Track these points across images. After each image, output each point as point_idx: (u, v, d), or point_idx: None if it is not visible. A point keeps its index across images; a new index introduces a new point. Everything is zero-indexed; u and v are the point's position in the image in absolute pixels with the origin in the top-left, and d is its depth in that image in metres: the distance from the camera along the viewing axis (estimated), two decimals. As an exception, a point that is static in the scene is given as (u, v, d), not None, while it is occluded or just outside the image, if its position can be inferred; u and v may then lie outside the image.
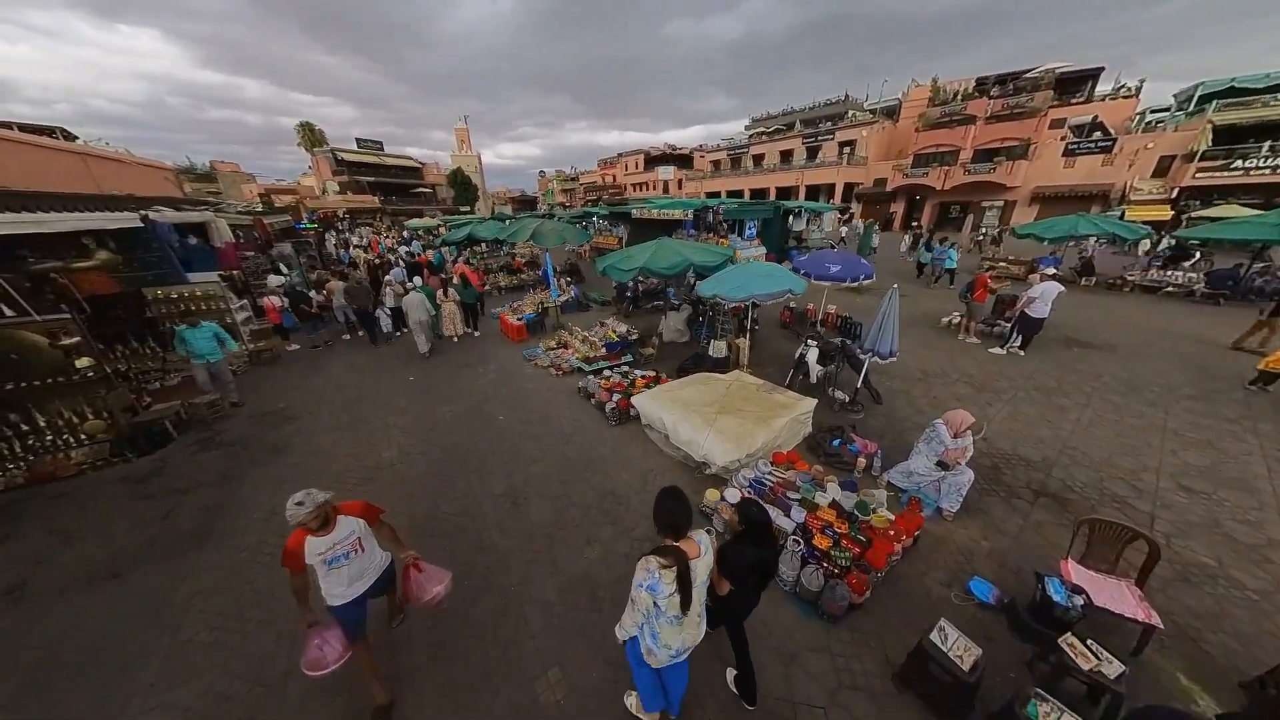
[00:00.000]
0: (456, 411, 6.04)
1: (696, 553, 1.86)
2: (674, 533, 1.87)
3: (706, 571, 1.93)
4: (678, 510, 1.88)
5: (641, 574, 1.81)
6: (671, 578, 1.77)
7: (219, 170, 42.36)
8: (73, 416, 5.01)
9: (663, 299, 11.54)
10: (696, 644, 2.02)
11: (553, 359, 7.68)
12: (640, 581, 1.81)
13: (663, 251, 7.29)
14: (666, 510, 1.88)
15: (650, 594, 1.79)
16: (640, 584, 1.81)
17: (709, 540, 1.96)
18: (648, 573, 1.79)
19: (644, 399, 5.25)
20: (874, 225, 17.07)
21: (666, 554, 1.80)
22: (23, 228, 4.83)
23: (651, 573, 1.78)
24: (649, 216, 16.91)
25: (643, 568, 1.82)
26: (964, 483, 3.70)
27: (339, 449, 5.21)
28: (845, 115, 36.53)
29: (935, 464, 3.88)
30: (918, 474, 3.94)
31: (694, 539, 1.89)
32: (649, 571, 1.79)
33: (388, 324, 9.81)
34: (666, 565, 1.77)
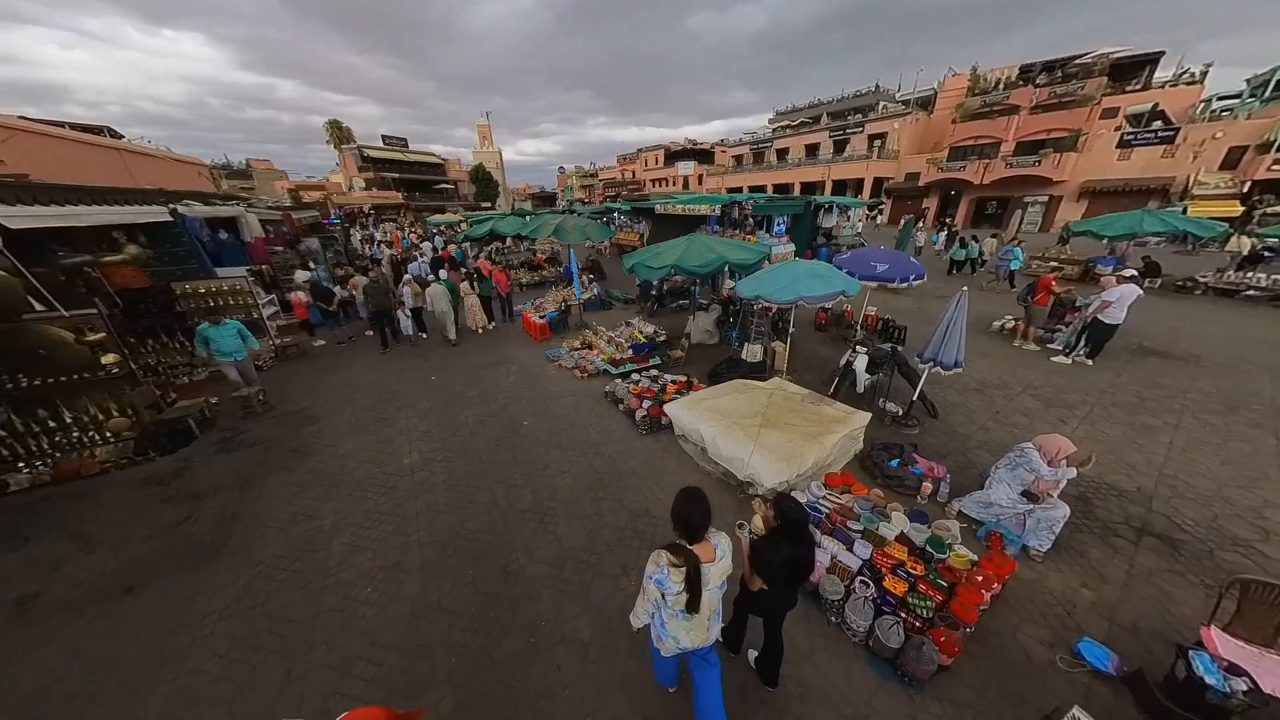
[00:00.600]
0: (479, 415, 5.78)
1: (711, 557, 1.82)
2: (688, 534, 1.84)
3: (721, 577, 1.89)
4: (693, 512, 1.83)
5: (651, 566, 1.83)
6: (680, 577, 1.76)
7: (253, 167, 43.78)
8: (98, 413, 4.94)
9: (688, 298, 11.13)
10: (707, 645, 2.01)
11: (577, 360, 7.37)
12: (650, 573, 1.83)
13: (695, 248, 6.87)
14: (683, 510, 1.85)
15: (658, 587, 1.81)
16: (649, 575, 1.83)
17: (728, 545, 1.92)
18: (657, 566, 1.80)
19: (678, 408, 4.87)
20: (913, 221, 16.20)
21: (678, 552, 1.79)
22: (53, 221, 4.76)
23: (660, 567, 1.79)
24: (672, 212, 16.45)
25: (653, 560, 1.83)
26: (1057, 519, 3.21)
27: (360, 453, 5.01)
28: (875, 107, 35.14)
29: (1020, 494, 3.39)
30: (998, 505, 3.46)
31: (711, 542, 1.85)
32: (658, 565, 1.80)
33: (408, 326, 9.08)
34: (676, 564, 1.76)
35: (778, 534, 2.09)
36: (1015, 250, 11.49)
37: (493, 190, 53.57)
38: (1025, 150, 25.12)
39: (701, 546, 1.82)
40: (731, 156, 47.67)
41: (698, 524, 1.83)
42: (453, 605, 3.01)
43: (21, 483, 4.44)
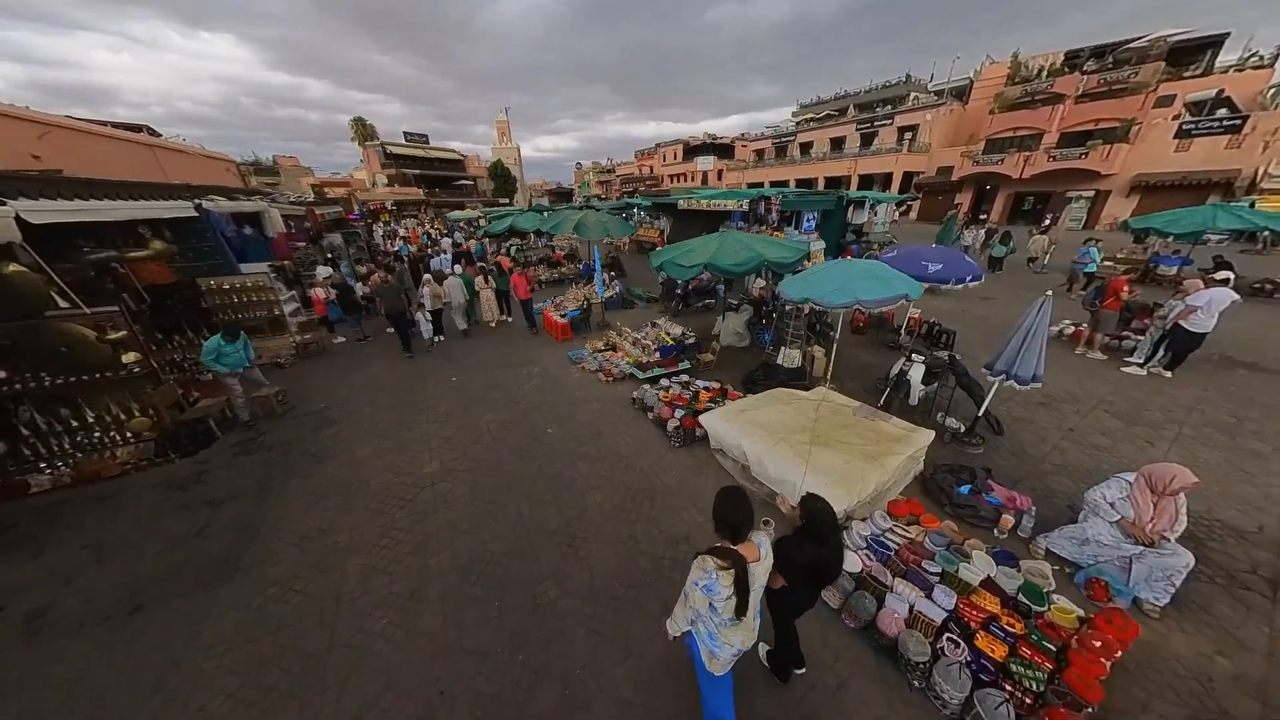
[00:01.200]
0: (502, 421, 5.51)
1: (755, 556, 1.79)
2: (732, 535, 1.79)
3: (765, 575, 1.86)
4: (737, 511, 1.79)
5: (697, 573, 1.75)
6: (729, 580, 1.70)
7: (280, 164, 44.81)
8: (120, 413, 4.84)
9: (714, 298, 10.69)
10: (749, 647, 1.94)
11: (601, 363, 7.04)
12: (696, 580, 1.75)
13: (729, 246, 6.44)
14: (726, 511, 1.79)
15: (706, 594, 1.74)
16: (696, 582, 1.75)
17: (769, 542, 1.89)
18: (704, 572, 1.73)
19: (716, 420, 4.49)
20: (955, 217, 15.30)
21: (724, 555, 1.73)
22: (76, 216, 4.66)
23: (708, 572, 1.72)
24: (695, 207, 15.95)
25: (699, 566, 1.76)
26: (1177, 568, 2.72)
27: (379, 460, 4.79)
28: (906, 98, 33.72)
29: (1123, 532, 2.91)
30: (1099, 543, 2.98)
31: (753, 541, 1.82)
32: (705, 571, 1.73)
33: (427, 329, 8.50)
34: (724, 567, 1.70)
35: (803, 533, 2.02)
36: (1091, 251, 10.30)
37: (511, 186, 53.75)
38: (1070, 142, 23.67)
39: (745, 546, 1.78)
40: (752, 151, 46.64)
41: (742, 524, 1.78)
42: (476, 644, 2.71)
43: (43, 484, 4.36)
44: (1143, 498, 2.88)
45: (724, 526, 1.80)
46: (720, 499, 1.83)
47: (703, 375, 6.58)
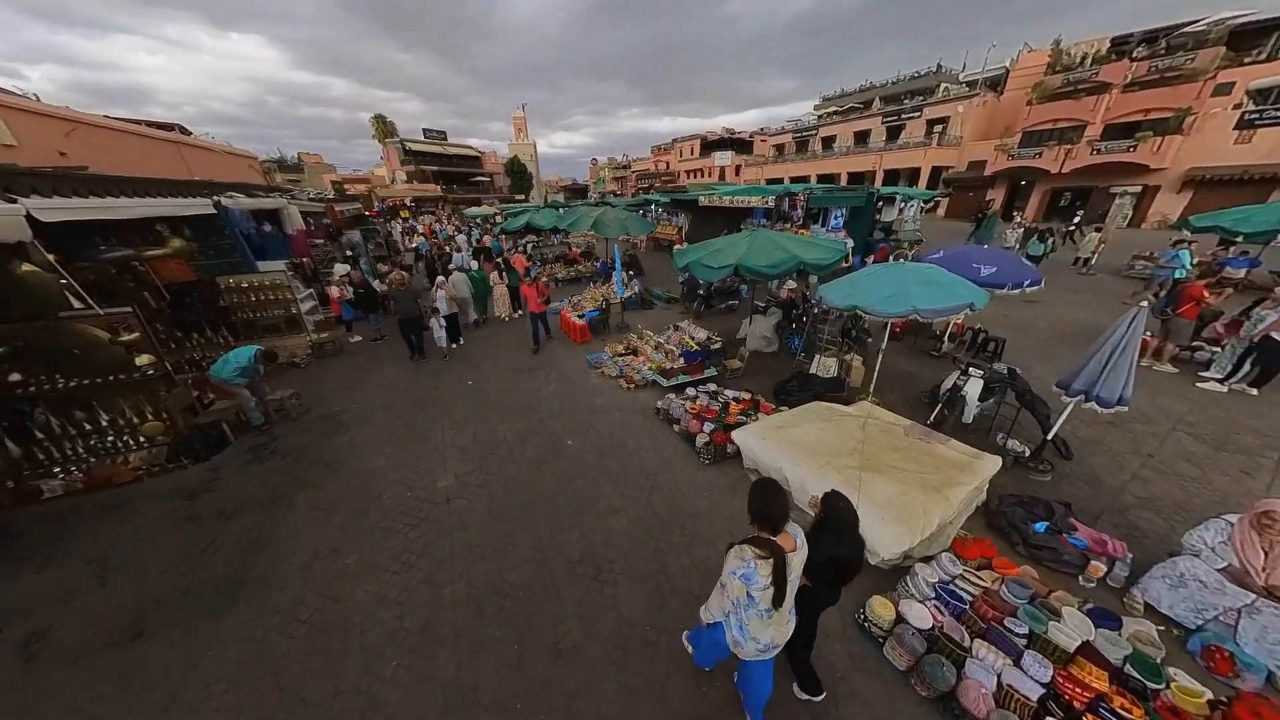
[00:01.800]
0: (519, 431, 5.24)
1: (793, 546, 1.78)
2: (770, 526, 1.79)
3: (801, 566, 1.85)
4: (775, 503, 1.80)
5: (735, 562, 1.77)
6: (768, 569, 1.71)
7: (304, 161, 45.70)
8: (133, 416, 4.73)
9: (736, 298, 10.26)
10: (785, 640, 1.95)
11: (621, 368, 6.72)
12: (734, 569, 1.77)
13: (761, 246, 6.03)
14: (764, 503, 1.80)
15: (744, 583, 1.74)
16: (734, 571, 1.76)
17: (803, 533, 1.88)
18: (742, 561, 1.74)
19: (750, 437, 4.13)
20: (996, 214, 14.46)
21: (763, 545, 1.74)
22: (89, 214, 4.54)
23: (746, 561, 1.73)
24: (716, 204, 15.48)
25: (736, 555, 1.78)
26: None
27: (392, 471, 4.56)
28: (936, 90, 32.38)
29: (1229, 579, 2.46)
30: (1198, 582, 2.54)
31: (789, 532, 1.82)
32: (744, 560, 1.74)
33: (441, 336, 7.77)
34: (763, 556, 1.71)
35: (822, 529, 2.04)
36: (1182, 255, 9.06)
37: (526, 183, 53.80)
38: (1116, 134, 22.29)
39: (783, 537, 1.78)
40: (772, 146, 45.63)
41: (780, 516, 1.78)
42: (493, 697, 2.43)
43: (55, 489, 4.26)
44: (1250, 541, 2.44)
45: (761, 520, 1.80)
46: (756, 491, 1.84)
47: (730, 383, 6.21)
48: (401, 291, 7.42)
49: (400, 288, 7.47)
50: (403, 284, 7.56)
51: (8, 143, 6.98)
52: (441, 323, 7.75)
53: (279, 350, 7.80)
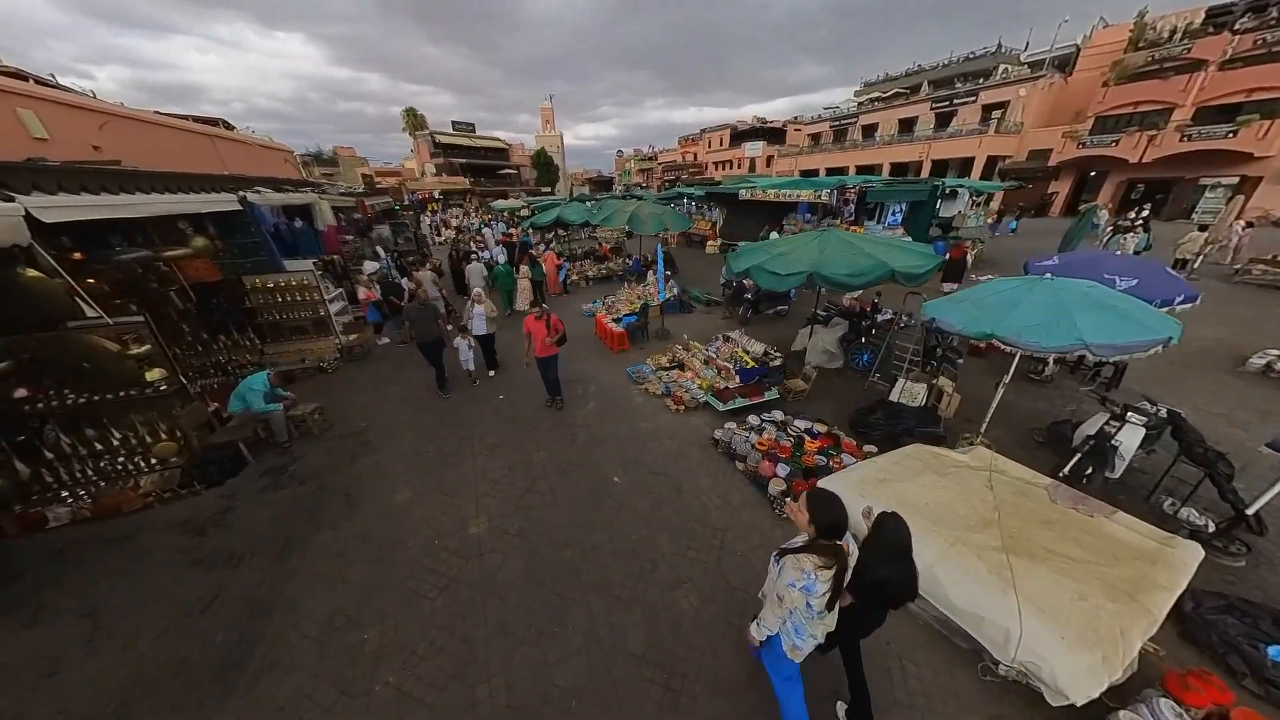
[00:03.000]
0: (557, 461, 4.61)
1: (848, 550, 1.80)
2: (835, 534, 1.76)
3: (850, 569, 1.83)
4: (839, 514, 1.75)
5: (794, 573, 1.73)
6: (829, 578, 1.70)
7: (339, 155, 46.64)
8: (146, 435, 4.34)
9: (786, 303, 9.35)
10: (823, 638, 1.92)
11: (667, 385, 6.00)
12: (793, 581, 1.73)
13: (836, 249, 5.17)
14: (834, 514, 1.75)
15: (805, 594, 1.72)
16: (793, 584, 1.73)
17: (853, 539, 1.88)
18: (803, 573, 1.71)
19: (847, 494, 3.34)
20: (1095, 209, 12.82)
21: (825, 552, 1.72)
22: (97, 212, 4.12)
23: (807, 573, 1.70)
24: (757, 198, 14.45)
25: (795, 567, 1.73)
26: None
27: (418, 508, 4.02)
28: (994, 72, 29.85)
29: None
30: None
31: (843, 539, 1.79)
32: (804, 572, 1.71)
33: (469, 358, 6.28)
34: (825, 566, 1.70)
35: (871, 550, 1.95)
36: None
37: (553, 175, 53.38)
38: (1210, 118, 19.82)
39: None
40: (807, 135, 43.61)
41: (845, 521, 1.76)
42: None
43: (61, 517, 3.90)
44: None
45: (825, 530, 1.75)
46: (821, 501, 1.77)
47: (792, 406, 5.40)
48: (420, 310, 5.99)
49: (422, 306, 6.08)
50: (423, 303, 6.17)
51: (39, 135, 6.79)
52: (471, 343, 6.24)
53: (305, 354, 7.53)
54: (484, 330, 6.30)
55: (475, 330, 6.25)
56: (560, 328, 5.32)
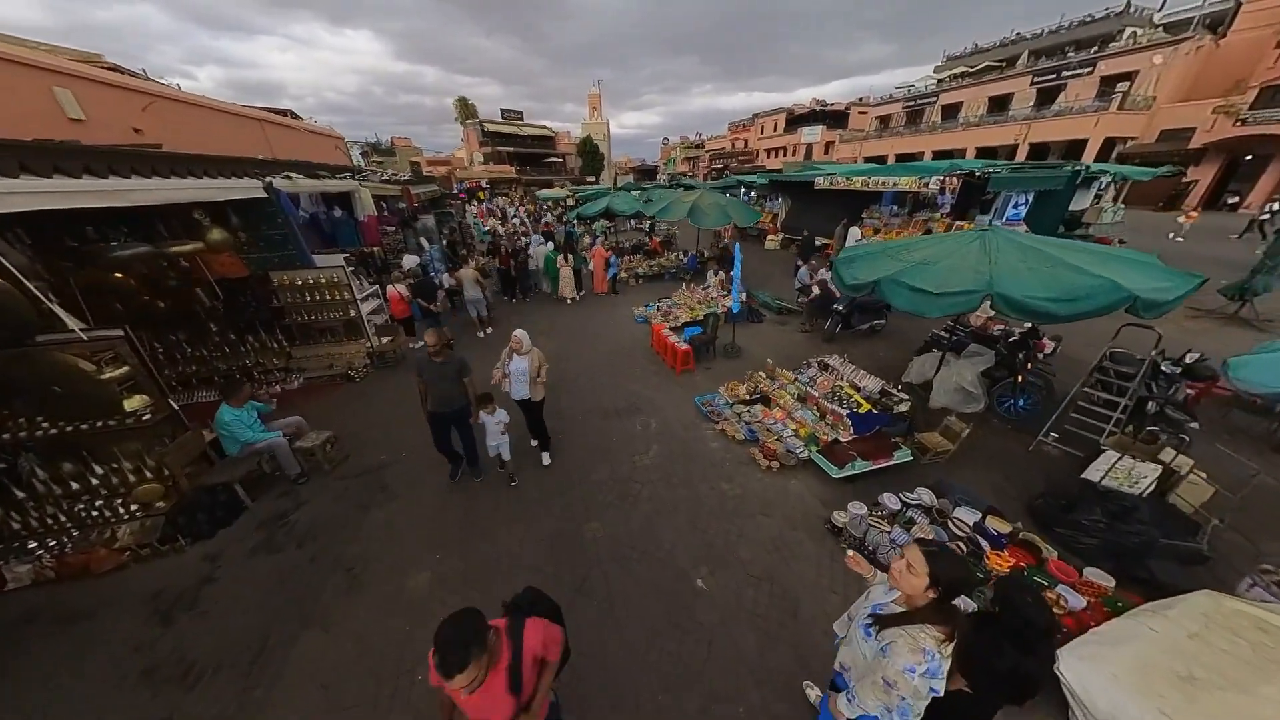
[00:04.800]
0: (616, 541, 3.43)
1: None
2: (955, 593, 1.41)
3: None
4: (962, 571, 1.44)
5: (914, 656, 1.35)
6: (949, 651, 1.37)
7: (396, 145, 47.94)
8: (128, 474, 3.59)
9: (883, 316, 7.65)
10: None
11: (750, 428, 4.67)
12: (911, 666, 1.34)
13: (1014, 258, 3.63)
14: (955, 574, 1.39)
15: (928, 679, 1.35)
16: (911, 669, 1.34)
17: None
18: (924, 654, 1.34)
19: (1140, 707, 1.92)
20: None
21: (945, 621, 1.37)
22: (68, 201, 3.33)
23: (930, 654, 1.34)
24: (837, 186, 12.51)
25: (913, 648, 1.35)
26: None
27: (435, 599, 2.99)
28: (1118, 36, 25.30)
29: None
30: None
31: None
32: (926, 653, 1.34)
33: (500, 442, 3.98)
34: (947, 638, 1.36)
35: (996, 629, 1.60)
36: None
37: (598, 164, 52.40)
38: None
39: None
40: (875, 118, 39.80)
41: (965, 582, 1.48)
42: None
43: (21, 578, 3.19)
44: None
45: (952, 589, 1.39)
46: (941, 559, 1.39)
47: (929, 469, 3.92)
48: (437, 364, 3.69)
49: (437, 362, 3.69)
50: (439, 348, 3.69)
51: (75, 116, 6.39)
52: (503, 418, 3.90)
53: (333, 360, 6.84)
54: (524, 394, 3.98)
55: (514, 394, 3.99)
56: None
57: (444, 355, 3.71)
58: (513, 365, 3.90)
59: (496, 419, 3.90)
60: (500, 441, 3.98)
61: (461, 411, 3.88)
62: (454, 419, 3.91)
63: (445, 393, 3.77)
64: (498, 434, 3.94)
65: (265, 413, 4.29)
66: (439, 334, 3.70)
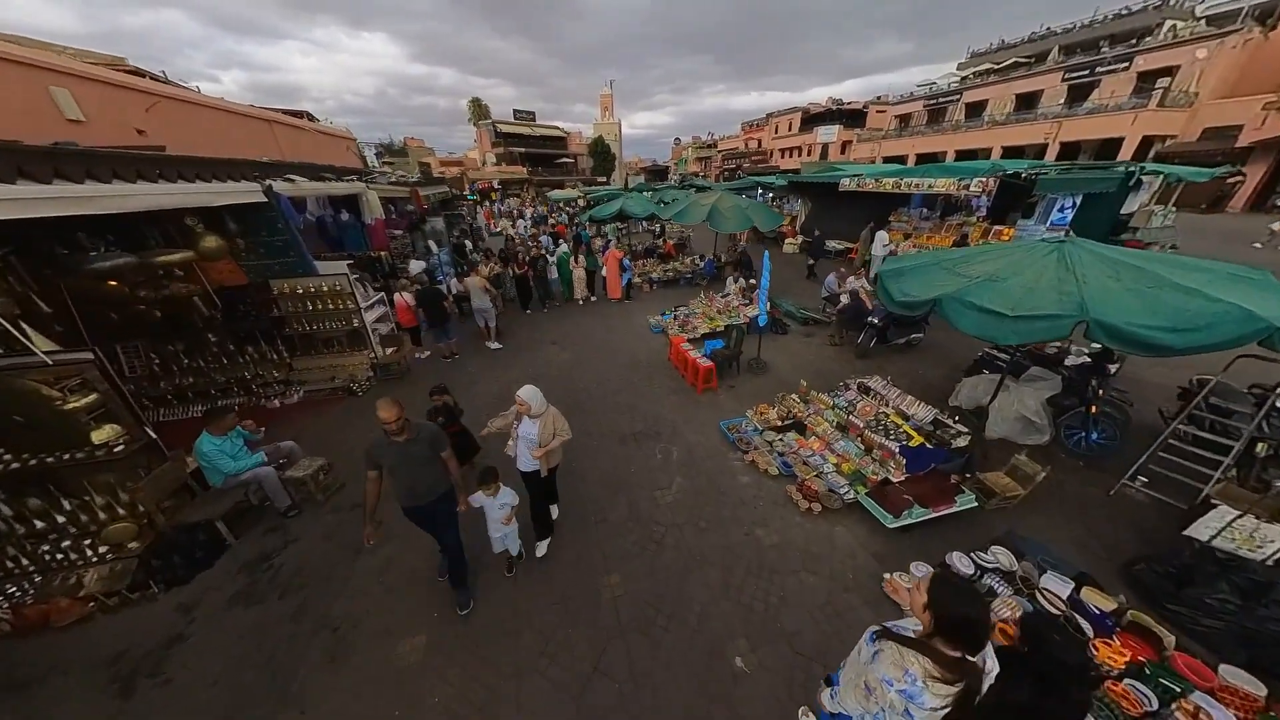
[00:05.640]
0: (639, 603, 2.98)
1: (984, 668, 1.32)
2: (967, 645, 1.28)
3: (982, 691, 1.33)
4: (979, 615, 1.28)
5: (892, 670, 1.32)
6: (944, 694, 1.24)
7: (409, 145, 48.21)
8: (98, 511, 3.25)
9: (921, 329, 7.07)
10: None
11: (785, 459, 4.18)
12: (890, 679, 1.32)
13: (1104, 275, 3.09)
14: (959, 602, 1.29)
15: (904, 700, 1.29)
16: (889, 681, 1.32)
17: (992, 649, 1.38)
18: (905, 675, 1.29)
19: None
20: None
21: (946, 664, 1.26)
22: (36, 210, 3.01)
23: (912, 677, 1.28)
24: (865, 188, 11.88)
25: (895, 664, 1.33)
26: None
27: (432, 668, 2.57)
28: (1157, 29, 24.10)
29: None
30: None
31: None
32: (907, 674, 1.29)
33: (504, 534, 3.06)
34: (941, 679, 1.25)
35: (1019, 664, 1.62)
36: None
37: (609, 164, 52.08)
38: None
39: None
40: (894, 116, 38.79)
41: (982, 637, 1.29)
42: None
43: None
44: None
45: (957, 632, 1.29)
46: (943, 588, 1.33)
47: (1000, 520, 3.39)
48: (399, 446, 2.60)
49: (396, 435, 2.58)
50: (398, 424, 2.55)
51: (73, 118, 6.14)
52: (509, 503, 2.98)
53: (336, 372, 6.52)
54: (531, 465, 3.04)
55: (520, 463, 3.08)
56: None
57: (407, 431, 2.59)
58: (522, 429, 3.04)
59: (500, 503, 2.89)
60: (506, 533, 3.01)
61: (443, 502, 2.79)
62: (431, 512, 2.78)
63: (418, 481, 2.68)
64: (500, 524, 2.94)
65: (253, 440, 3.93)
66: (393, 406, 2.51)
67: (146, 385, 5.66)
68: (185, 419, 5.63)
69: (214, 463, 3.50)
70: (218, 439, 3.51)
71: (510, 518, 3.01)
